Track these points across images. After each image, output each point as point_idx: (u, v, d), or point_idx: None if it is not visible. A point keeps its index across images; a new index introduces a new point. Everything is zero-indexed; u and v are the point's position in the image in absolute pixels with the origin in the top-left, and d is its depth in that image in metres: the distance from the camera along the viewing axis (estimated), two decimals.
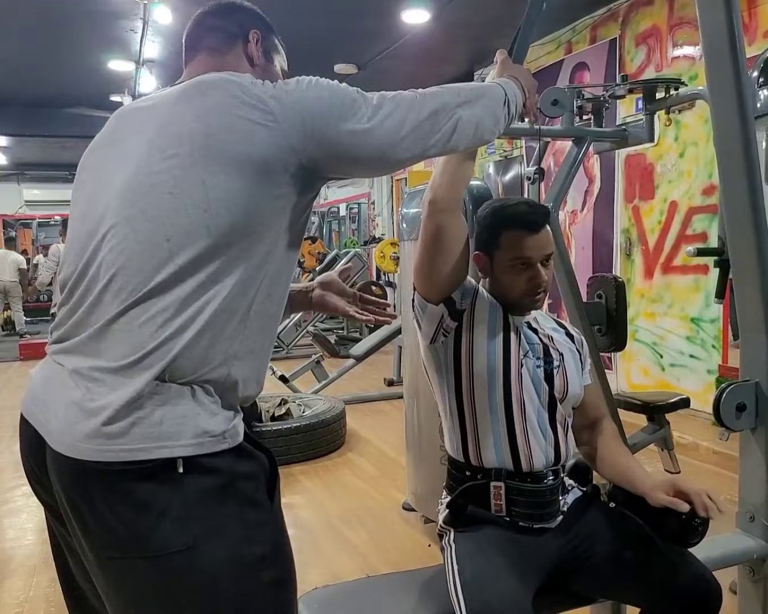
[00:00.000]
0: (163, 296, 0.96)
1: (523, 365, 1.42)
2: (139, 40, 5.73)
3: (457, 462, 1.48)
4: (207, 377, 0.99)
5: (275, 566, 1.03)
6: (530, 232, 1.41)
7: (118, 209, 1.01)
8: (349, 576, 2.46)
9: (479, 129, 1.16)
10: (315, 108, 1.03)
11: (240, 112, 0.98)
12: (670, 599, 1.35)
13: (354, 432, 4.46)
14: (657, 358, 4.77)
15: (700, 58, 4.24)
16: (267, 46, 1.27)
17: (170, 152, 0.99)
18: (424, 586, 1.44)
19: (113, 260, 0.99)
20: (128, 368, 0.95)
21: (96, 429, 0.93)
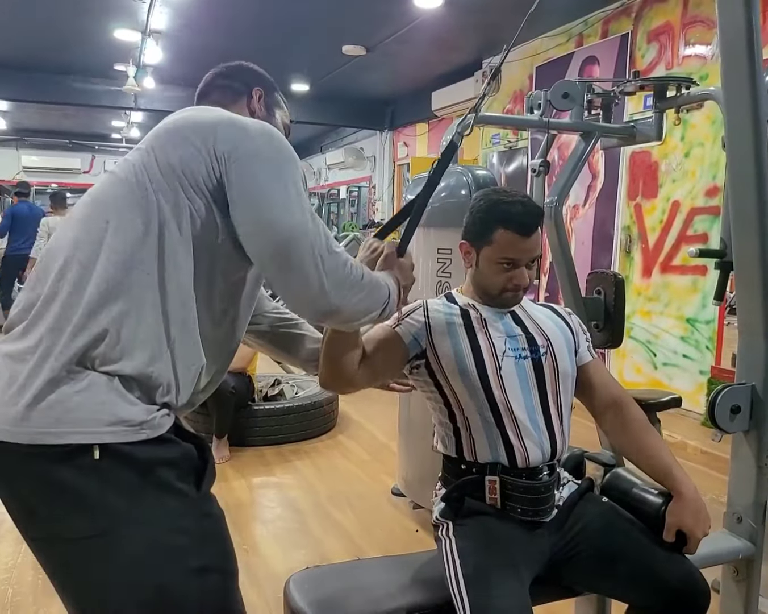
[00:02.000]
0: (92, 278, 0.99)
1: (501, 366, 1.42)
2: (147, 10, 5.66)
3: (450, 457, 1.48)
4: (127, 369, 0.99)
5: (199, 554, 1.04)
6: (523, 235, 1.41)
7: (85, 205, 1.11)
8: (336, 558, 2.48)
9: (361, 318, 1.16)
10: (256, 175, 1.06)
11: (190, 142, 1.07)
12: (658, 596, 1.36)
13: (346, 415, 4.47)
14: (650, 356, 4.79)
15: (711, 57, 4.22)
16: (269, 102, 1.40)
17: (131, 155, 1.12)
18: (415, 571, 1.45)
19: (63, 250, 1.04)
20: (50, 348, 0.97)
21: (16, 411, 0.95)
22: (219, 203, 1.05)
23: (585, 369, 1.54)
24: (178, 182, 1.03)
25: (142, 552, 0.98)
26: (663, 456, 1.45)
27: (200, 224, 1.04)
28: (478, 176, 2.69)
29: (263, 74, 1.47)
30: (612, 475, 1.58)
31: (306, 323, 1.58)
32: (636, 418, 1.51)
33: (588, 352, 1.56)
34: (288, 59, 7.18)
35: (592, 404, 1.55)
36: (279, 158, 1.08)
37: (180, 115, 1.16)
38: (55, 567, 1.03)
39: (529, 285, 1.46)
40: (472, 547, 1.35)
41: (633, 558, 1.38)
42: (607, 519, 1.46)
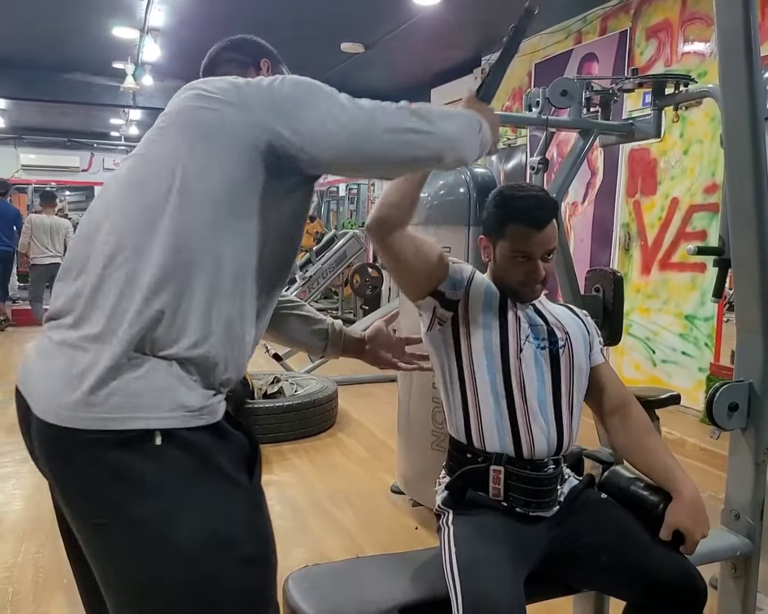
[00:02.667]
0: (145, 266, 0.99)
1: (523, 349, 1.43)
2: (145, 8, 5.65)
3: (459, 443, 1.48)
4: (184, 353, 1.00)
5: (248, 544, 1.04)
6: (535, 228, 1.42)
7: (116, 190, 1.09)
8: (335, 556, 2.49)
9: (457, 146, 1.16)
10: (284, 88, 1.07)
11: (205, 102, 1.06)
12: (655, 594, 1.36)
13: (345, 413, 4.47)
14: (649, 353, 4.80)
15: (710, 54, 4.22)
16: (276, 74, 1.34)
17: (157, 136, 1.10)
18: (415, 569, 1.45)
19: (106, 236, 1.03)
20: (108, 334, 0.97)
21: (77, 397, 0.95)
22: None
23: (596, 371, 1.55)
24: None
25: (199, 538, 0.98)
26: (664, 457, 1.46)
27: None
28: (476, 174, 2.69)
29: (268, 46, 1.48)
30: (610, 472, 1.58)
31: (307, 305, 1.59)
32: (638, 419, 1.52)
33: (600, 354, 1.57)
34: (286, 57, 7.07)
35: (600, 406, 1.56)
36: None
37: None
38: (106, 553, 1.02)
39: (547, 278, 1.47)
40: (470, 537, 1.36)
41: (630, 554, 1.38)
42: (605, 516, 1.46)
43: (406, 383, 2.94)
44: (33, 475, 3.35)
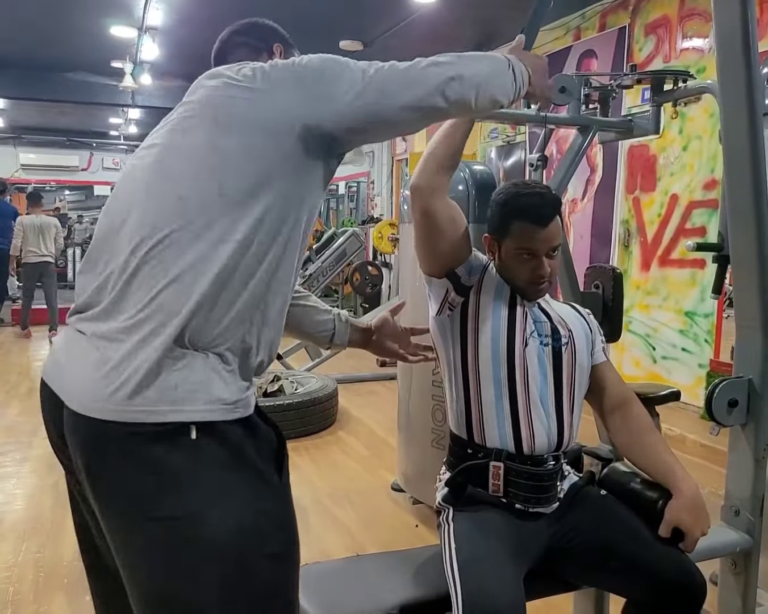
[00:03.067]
0: (179, 254, 0.98)
1: (528, 344, 1.44)
2: (143, 6, 5.65)
3: (459, 438, 1.49)
4: (222, 343, 1.00)
5: (277, 539, 1.04)
6: (539, 225, 1.42)
7: (143, 180, 1.07)
8: (336, 554, 2.49)
9: (485, 86, 1.15)
10: (309, 67, 1.08)
11: (234, 91, 1.06)
12: (654, 590, 1.36)
13: (345, 411, 4.47)
14: (649, 350, 4.79)
15: (709, 50, 4.22)
16: (289, 58, 1.32)
17: (185, 125, 1.08)
18: (416, 566, 1.46)
19: (136, 227, 1.02)
20: (143, 323, 0.97)
21: (112, 390, 0.95)
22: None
23: (598, 369, 1.55)
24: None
25: (228, 531, 0.98)
26: (663, 454, 1.46)
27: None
28: (475, 171, 2.69)
29: (280, 30, 1.48)
30: (610, 469, 1.58)
31: (313, 296, 1.57)
32: (638, 417, 1.52)
33: (602, 353, 1.58)
34: None
35: (601, 405, 1.56)
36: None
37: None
38: (135, 548, 1.00)
39: (553, 275, 1.47)
40: (469, 534, 1.36)
41: (630, 551, 1.38)
42: (605, 512, 1.46)
43: (406, 381, 2.94)
44: (33, 475, 3.37)
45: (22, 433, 4.04)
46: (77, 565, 2.42)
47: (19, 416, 4.44)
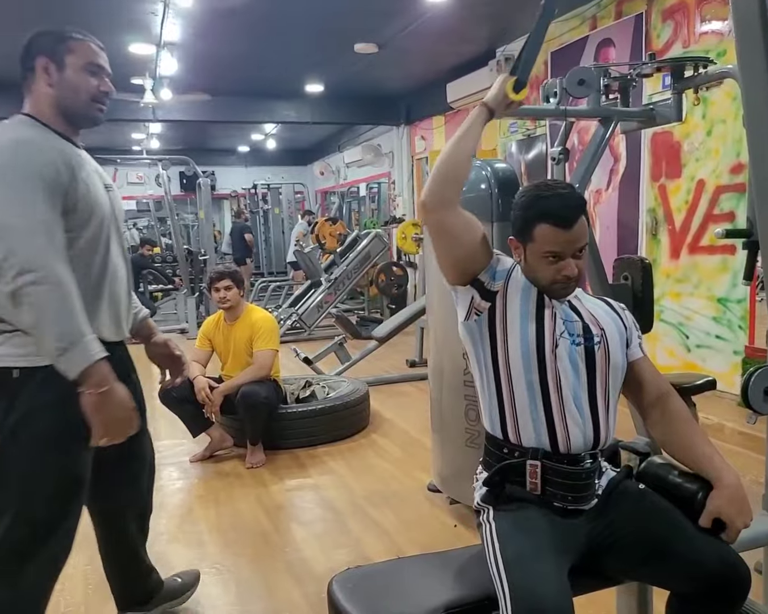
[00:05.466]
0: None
1: (558, 344, 1.43)
2: (160, 23, 5.74)
3: (494, 438, 1.50)
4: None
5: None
6: (564, 228, 1.42)
7: None
8: (377, 557, 2.51)
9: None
10: None
11: None
12: (698, 582, 1.36)
13: (378, 414, 4.50)
14: (683, 339, 4.73)
15: (729, 33, 4.15)
16: (57, 61, 1.64)
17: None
18: (458, 568, 1.47)
19: None
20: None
21: None
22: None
23: (635, 365, 1.55)
24: None
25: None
26: (703, 446, 1.45)
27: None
28: (497, 169, 2.68)
29: (42, 35, 1.63)
30: (648, 462, 1.58)
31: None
32: (677, 410, 1.52)
33: (639, 349, 1.56)
34: (301, 62, 7.22)
35: (639, 400, 1.56)
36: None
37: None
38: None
39: (580, 274, 1.47)
40: (512, 532, 1.37)
41: (672, 544, 1.38)
42: (645, 506, 1.46)
43: (438, 381, 2.95)
44: None
45: None
46: None
47: None
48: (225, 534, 2.84)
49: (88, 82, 1.65)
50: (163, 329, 8.73)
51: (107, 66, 1.71)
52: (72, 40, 1.63)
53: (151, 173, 13.37)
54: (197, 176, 8.91)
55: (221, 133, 12.14)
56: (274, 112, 9.40)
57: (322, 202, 15.11)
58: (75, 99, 1.64)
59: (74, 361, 1.44)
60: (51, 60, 1.60)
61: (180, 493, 3.39)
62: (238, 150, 14.35)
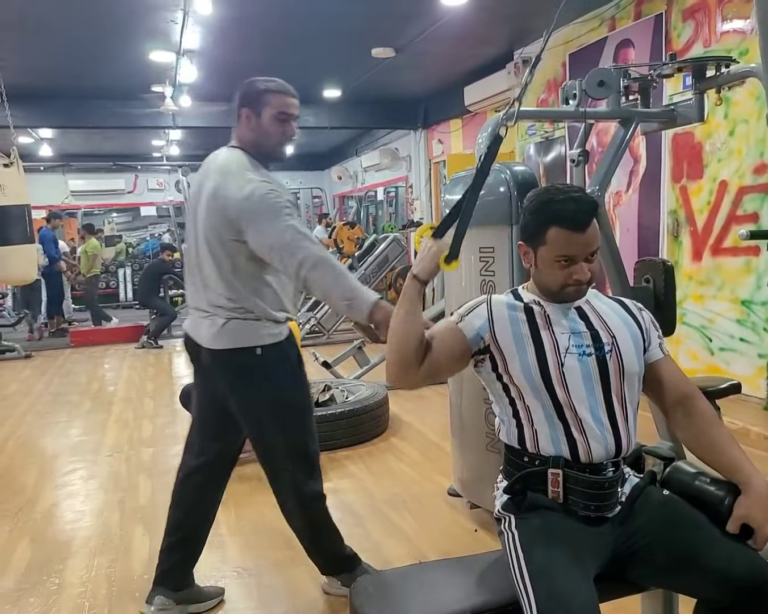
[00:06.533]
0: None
1: (564, 362, 1.41)
2: (180, 31, 5.80)
3: (513, 448, 1.49)
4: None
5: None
6: (576, 231, 1.40)
7: None
8: (398, 561, 2.51)
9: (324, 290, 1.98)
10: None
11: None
12: (725, 589, 1.34)
13: (397, 418, 4.49)
14: (706, 342, 4.67)
15: (751, 32, 4.10)
16: (256, 111, 2.08)
17: None
18: (479, 573, 1.46)
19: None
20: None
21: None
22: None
23: (655, 366, 1.52)
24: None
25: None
26: (731, 450, 1.43)
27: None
28: (516, 172, 2.67)
29: (249, 86, 2.09)
30: (673, 468, 1.56)
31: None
32: (704, 413, 1.49)
33: (659, 349, 1.54)
34: (319, 67, 7.25)
35: (662, 402, 1.53)
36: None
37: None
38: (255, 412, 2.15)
39: (592, 278, 1.45)
40: (536, 541, 1.36)
41: (699, 551, 1.36)
42: (670, 512, 1.44)
43: (457, 385, 2.94)
44: (100, 492, 3.49)
45: (87, 451, 4.19)
46: (148, 579, 2.50)
47: (84, 435, 4.60)
48: (246, 538, 2.86)
49: (277, 129, 2.06)
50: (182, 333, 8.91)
51: (296, 111, 2.10)
52: (269, 93, 2.05)
53: (171, 179, 13.52)
54: None
55: None
56: None
57: (340, 206, 15.15)
58: (266, 142, 2.07)
59: (361, 306, 1.91)
60: (251, 111, 2.05)
61: None
62: None
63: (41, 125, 9.29)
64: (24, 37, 5.95)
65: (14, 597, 2.45)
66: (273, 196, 1.96)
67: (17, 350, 7.75)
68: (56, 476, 3.80)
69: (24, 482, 3.69)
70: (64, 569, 2.64)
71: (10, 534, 2.99)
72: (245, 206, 1.93)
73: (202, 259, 2.04)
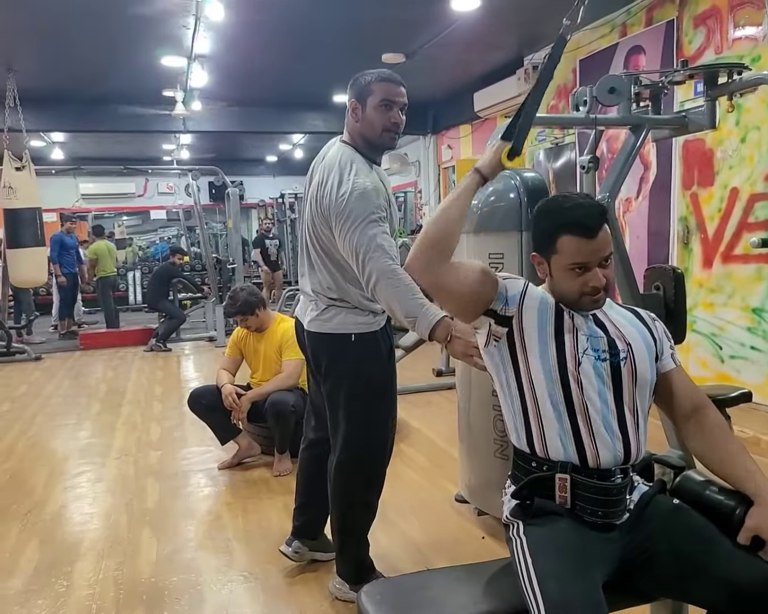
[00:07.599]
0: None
1: (581, 362, 1.41)
2: (192, 36, 5.84)
3: (522, 452, 1.48)
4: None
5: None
6: (587, 237, 1.40)
7: None
8: (405, 568, 2.50)
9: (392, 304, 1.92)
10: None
11: None
12: (736, 600, 1.33)
13: (405, 423, 4.48)
14: (716, 350, 4.65)
15: (763, 38, 4.09)
16: (363, 104, 2.12)
17: None
18: (487, 580, 1.46)
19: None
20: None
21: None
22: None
23: (667, 377, 1.52)
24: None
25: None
26: (743, 461, 1.42)
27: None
28: (526, 178, 2.67)
29: (357, 80, 2.13)
30: (683, 477, 1.55)
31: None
32: (715, 424, 1.48)
33: (671, 359, 1.54)
34: (329, 73, 7.26)
35: (673, 412, 1.53)
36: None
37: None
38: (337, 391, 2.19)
39: (608, 284, 1.45)
40: (544, 547, 1.35)
41: (709, 561, 1.35)
42: (680, 522, 1.43)
43: (466, 392, 2.93)
44: (108, 495, 3.49)
45: (95, 454, 4.20)
46: (155, 582, 2.51)
47: (92, 438, 4.61)
48: (253, 542, 2.86)
49: (380, 117, 2.06)
50: (191, 337, 8.97)
51: (401, 99, 2.09)
52: (374, 82, 2.07)
53: (181, 182, 13.59)
54: (226, 186, 9.03)
55: (250, 143, 12.29)
56: (302, 122, 9.50)
57: None
58: (371, 132, 2.08)
59: (422, 325, 1.86)
60: (358, 102, 2.08)
61: (208, 500, 3.42)
62: (266, 160, 14.51)
63: (53, 129, 9.35)
64: (38, 43, 6.01)
65: (22, 598, 2.46)
66: (363, 201, 1.95)
67: (27, 353, 7.79)
68: (65, 478, 3.81)
69: (34, 483, 3.71)
70: (72, 571, 2.65)
71: (19, 536, 3.00)
72: (336, 206, 1.98)
73: (308, 247, 2.16)
